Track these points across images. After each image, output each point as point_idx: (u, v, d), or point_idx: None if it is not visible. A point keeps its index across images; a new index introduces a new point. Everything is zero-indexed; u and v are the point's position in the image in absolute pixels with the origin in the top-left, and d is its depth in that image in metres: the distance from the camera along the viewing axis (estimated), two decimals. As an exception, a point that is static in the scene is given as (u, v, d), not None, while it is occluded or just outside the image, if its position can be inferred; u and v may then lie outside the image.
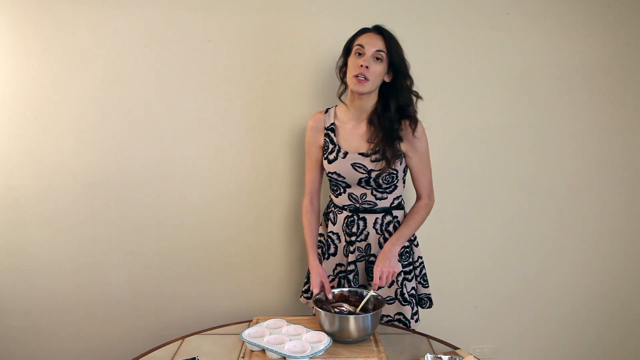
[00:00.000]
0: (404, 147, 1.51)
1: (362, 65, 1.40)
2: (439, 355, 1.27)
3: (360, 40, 1.44)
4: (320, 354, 1.27)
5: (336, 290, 1.51)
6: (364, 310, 1.42)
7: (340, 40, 1.55)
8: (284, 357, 1.26)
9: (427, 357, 1.25)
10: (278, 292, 1.96)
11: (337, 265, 1.61)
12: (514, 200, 1.98)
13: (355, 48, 1.44)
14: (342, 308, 1.43)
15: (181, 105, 1.80)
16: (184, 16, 1.74)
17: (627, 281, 2.08)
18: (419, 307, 1.64)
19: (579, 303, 2.09)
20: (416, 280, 1.65)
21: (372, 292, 1.42)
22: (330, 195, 1.67)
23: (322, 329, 1.37)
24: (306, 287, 1.71)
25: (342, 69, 1.53)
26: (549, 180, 1.98)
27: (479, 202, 1.97)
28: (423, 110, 1.87)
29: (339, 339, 1.34)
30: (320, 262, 1.62)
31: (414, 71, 1.84)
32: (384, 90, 1.50)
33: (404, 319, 1.57)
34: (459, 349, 1.38)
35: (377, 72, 1.43)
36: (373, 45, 1.42)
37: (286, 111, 1.82)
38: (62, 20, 1.70)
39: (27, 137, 1.76)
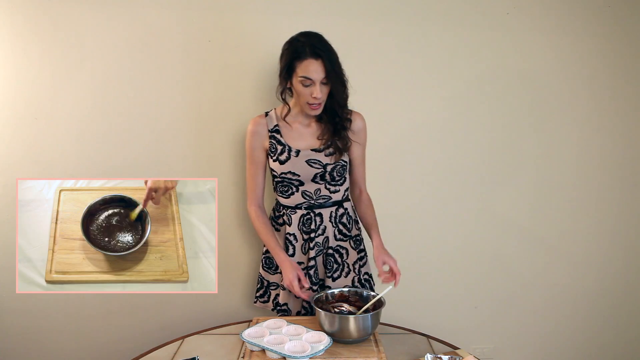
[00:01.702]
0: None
1: (315, 97, 1.43)
2: (439, 355, 1.27)
3: (304, 70, 1.41)
4: (320, 354, 1.27)
5: (336, 290, 1.51)
6: (364, 310, 1.42)
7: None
8: (284, 357, 1.26)
9: (427, 357, 1.25)
10: (278, 292, 1.96)
11: (297, 263, 1.62)
12: (514, 201, 1.98)
13: (300, 79, 1.42)
14: (342, 308, 1.43)
15: (180, 106, 1.80)
16: (184, 16, 1.75)
17: (626, 281, 2.08)
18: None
19: (578, 303, 2.09)
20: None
21: (390, 287, 1.43)
22: (277, 199, 1.65)
23: (322, 329, 1.37)
24: (260, 292, 1.71)
25: (284, 92, 1.51)
26: (549, 180, 1.98)
27: (480, 203, 1.97)
28: (422, 110, 1.89)
29: (339, 339, 1.34)
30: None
31: (414, 71, 1.86)
32: None
33: None
34: (459, 349, 1.38)
35: (326, 93, 1.47)
36: (317, 73, 1.41)
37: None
38: (62, 21, 1.70)
39: (27, 137, 1.76)
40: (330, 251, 1.62)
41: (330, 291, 1.50)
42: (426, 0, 1.81)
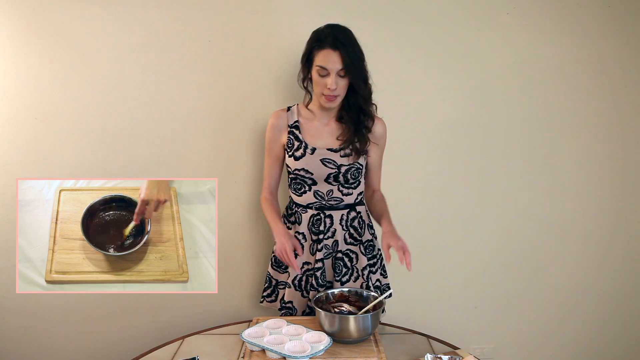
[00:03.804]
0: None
1: (329, 87, 1.42)
2: (439, 355, 1.27)
3: (320, 60, 1.40)
4: (320, 354, 1.27)
5: (336, 290, 1.51)
6: (365, 311, 1.42)
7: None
8: (284, 357, 1.26)
9: (427, 357, 1.25)
10: (278, 292, 1.96)
11: (304, 264, 1.61)
12: (513, 200, 1.98)
13: (317, 68, 1.42)
14: (342, 308, 1.43)
15: (180, 105, 1.80)
16: (184, 16, 1.74)
17: (626, 281, 2.08)
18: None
19: (578, 303, 2.09)
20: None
21: (389, 292, 1.44)
22: (290, 196, 1.65)
23: (322, 329, 1.37)
24: (268, 291, 1.71)
25: (306, 80, 1.51)
26: (548, 180, 1.98)
27: (479, 202, 1.97)
28: (422, 110, 1.89)
29: (339, 339, 1.34)
30: None
31: (414, 71, 1.86)
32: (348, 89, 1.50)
33: None
34: (459, 349, 1.38)
35: (343, 86, 1.44)
36: (333, 64, 1.39)
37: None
38: (61, 21, 1.70)
39: (27, 137, 1.76)
40: (340, 255, 1.60)
41: (330, 291, 1.50)
42: (425, 0, 1.81)
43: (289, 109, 1.60)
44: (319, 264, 1.58)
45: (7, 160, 1.77)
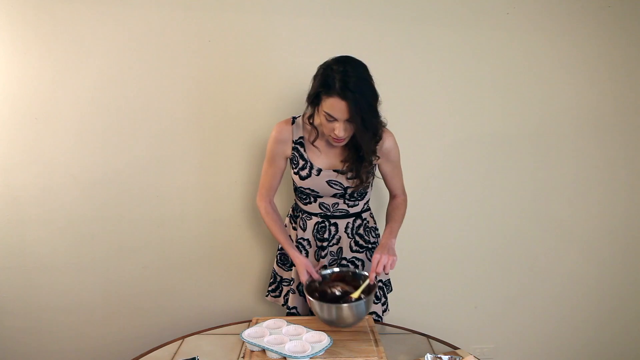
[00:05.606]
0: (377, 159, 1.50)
1: (336, 134, 1.34)
2: (439, 355, 1.27)
3: (327, 107, 1.30)
4: (320, 354, 1.27)
5: (331, 271, 1.50)
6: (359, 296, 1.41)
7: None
8: (284, 357, 1.26)
9: (427, 357, 1.25)
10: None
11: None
12: (514, 201, 1.98)
13: (323, 112, 1.32)
14: (338, 288, 1.44)
15: (181, 105, 1.80)
16: (184, 16, 1.74)
17: (626, 281, 2.08)
18: (386, 297, 1.69)
19: (578, 303, 2.09)
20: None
21: (367, 282, 1.42)
22: (296, 200, 1.64)
23: (318, 318, 1.38)
24: (272, 287, 1.72)
25: (312, 117, 1.42)
26: (548, 180, 1.98)
27: (479, 202, 1.97)
28: (422, 110, 1.89)
29: (334, 326, 1.36)
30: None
31: (413, 71, 1.86)
32: None
33: (375, 317, 1.62)
34: (459, 349, 1.38)
35: (351, 130, 1.35)
36: (341, 114, 1.28)
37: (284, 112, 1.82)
38: (62, 21, 1.70)
39: (27, 137, 1.76)
40: (345, 262, 1.60)
41: (325, 271, 1.50)
42: (425, 0, 1.81)
43: (293, 120, 1.52)
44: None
45: (7, 160, 1.77)
